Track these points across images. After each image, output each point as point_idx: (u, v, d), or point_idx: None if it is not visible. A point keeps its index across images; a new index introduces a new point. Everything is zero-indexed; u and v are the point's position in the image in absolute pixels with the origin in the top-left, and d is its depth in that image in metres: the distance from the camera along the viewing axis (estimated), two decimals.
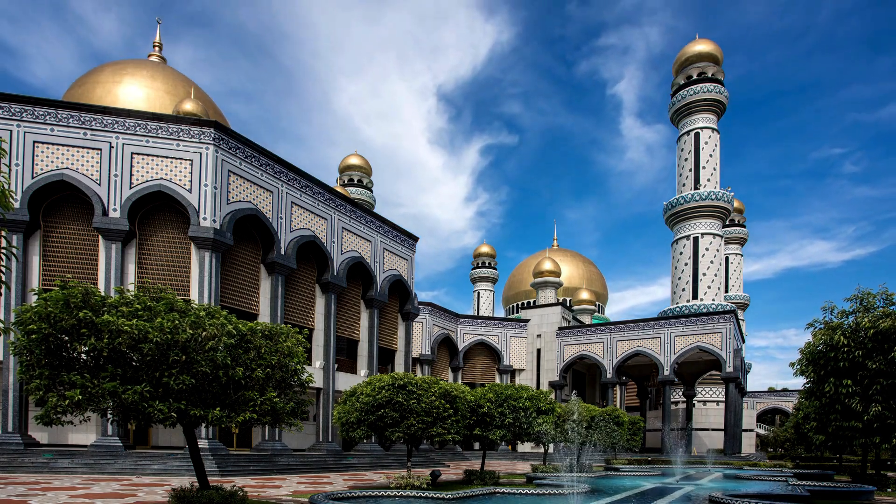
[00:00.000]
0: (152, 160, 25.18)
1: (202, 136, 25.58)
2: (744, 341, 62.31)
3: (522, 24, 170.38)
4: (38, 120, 23.96)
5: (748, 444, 63.81)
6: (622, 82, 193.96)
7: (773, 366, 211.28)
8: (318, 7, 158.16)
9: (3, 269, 9.34)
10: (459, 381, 54.93)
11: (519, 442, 33.16)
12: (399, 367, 40.75)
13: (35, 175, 23.83)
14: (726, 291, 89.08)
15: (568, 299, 79.26)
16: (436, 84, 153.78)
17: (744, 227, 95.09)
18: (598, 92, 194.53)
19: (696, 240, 64.71)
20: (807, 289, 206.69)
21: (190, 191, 25.29)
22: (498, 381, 57.15)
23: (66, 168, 24.22)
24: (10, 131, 23.59)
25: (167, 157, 25.29)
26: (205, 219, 25.27)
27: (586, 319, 74.00)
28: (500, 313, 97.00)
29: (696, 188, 64.93)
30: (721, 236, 65.35)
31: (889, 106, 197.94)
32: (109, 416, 10.38)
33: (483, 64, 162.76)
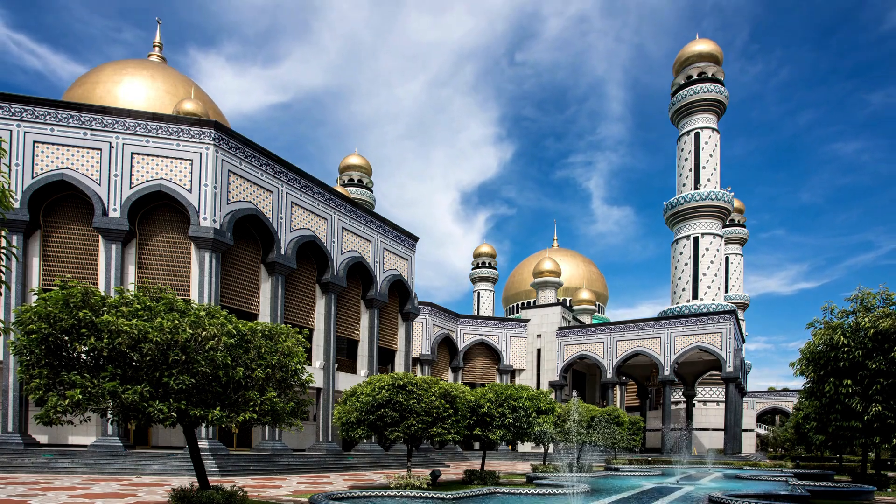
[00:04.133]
0: (152, 160, 25.18)
1: (202, 136, 25.58)
2: (744, 341, 62.29)
3: (518, 146, 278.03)
4: (38, 120, 23.96)
5: (748, 444, 63.81)
6: (591, 181, 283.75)
7: (767, 368, 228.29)
8: (382, 141, 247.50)
9: (3, 269, 9.34)
10: (459, 381, 54.93)
11: (519, 442, 33.15)
12: (399, 367, 40.74)
13: (35, 175, 23.83)
14: (726, 291, 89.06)
15: (568, 299, 79.25)
16: (459, 186, 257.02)
17: (744, 227, 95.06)
18: (571, 187, 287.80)
19: (696, 240, 64.71)
20: (768, 311, 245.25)
21: (190, 191, 25.29)
22: (498, 381, 57.15)
23: (66, 168, 24.22)
24: (10, 131, 23.59)
25: (167, 157, 25.29)
26: (205, 219, 25.27)
27: (586, 319, 73.99)
28: (500, 313, 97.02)
29: (696, 188, 64.90)
30: (721, 236, 65.35)
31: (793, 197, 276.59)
32: (109, 416, 10.38)
33: (491, 172, 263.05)
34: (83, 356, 9.76)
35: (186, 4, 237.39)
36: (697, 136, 65.33)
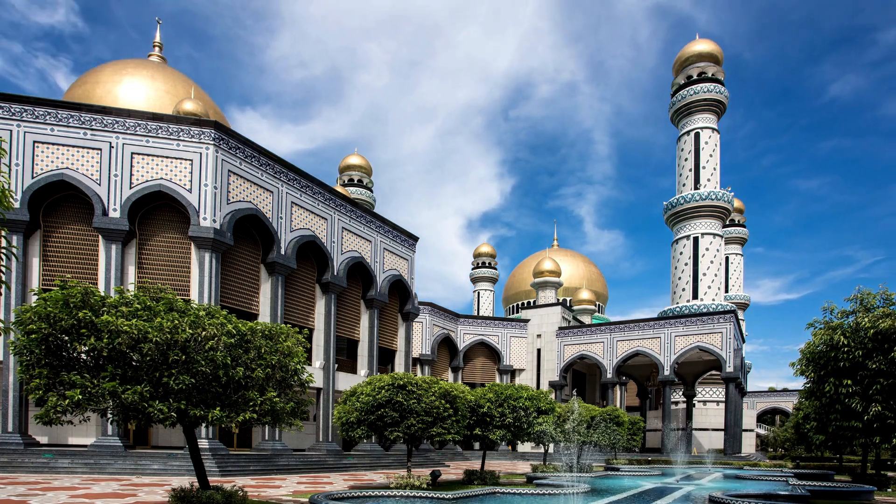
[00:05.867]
0: (152, 160, 25.18)
1: (202, 136, 25.58)
2: (744, 341, 62.27)
3: (516, 180, 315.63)
4: (38, 120, 23.96)
5: (748, 444, 63.80)
6: (582, 209, 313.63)
7: (764, 370, 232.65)
8: (399, 177, 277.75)
9: (3, 269, 9.34)
10: (459, 381, 54.93)
11: (519, 442, 33.16)
12: (399, 367, 40.75)
13: (35, 175, 23.83)
14: (726, 291, 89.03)
15: (568, 299, 79.24)
16: (464, 213, 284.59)
17: (744, 227, 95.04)
18: (564, 214, 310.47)
19: (696, 240, 64.71)
20: (757, 318, 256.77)
21: (190, 191, 25.30)
22: (498, 381, 57.15)
23: (66, 168, 24.22)
24: (10, 131, 23.60)
25: (167, 157, 25.30)
26: (205, 219, 25.27)
27: (586, 319, 73.98)
28: (500, 313, 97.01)
29: (696, 188, 64.90)
30: (721, 236, 65.34)
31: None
32: (109, 416, 10.37)
33: (494, 203, 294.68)
34: (83, 356, 9.76)
35: (238, 80, 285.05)
36: (697, 136, 65.31)
